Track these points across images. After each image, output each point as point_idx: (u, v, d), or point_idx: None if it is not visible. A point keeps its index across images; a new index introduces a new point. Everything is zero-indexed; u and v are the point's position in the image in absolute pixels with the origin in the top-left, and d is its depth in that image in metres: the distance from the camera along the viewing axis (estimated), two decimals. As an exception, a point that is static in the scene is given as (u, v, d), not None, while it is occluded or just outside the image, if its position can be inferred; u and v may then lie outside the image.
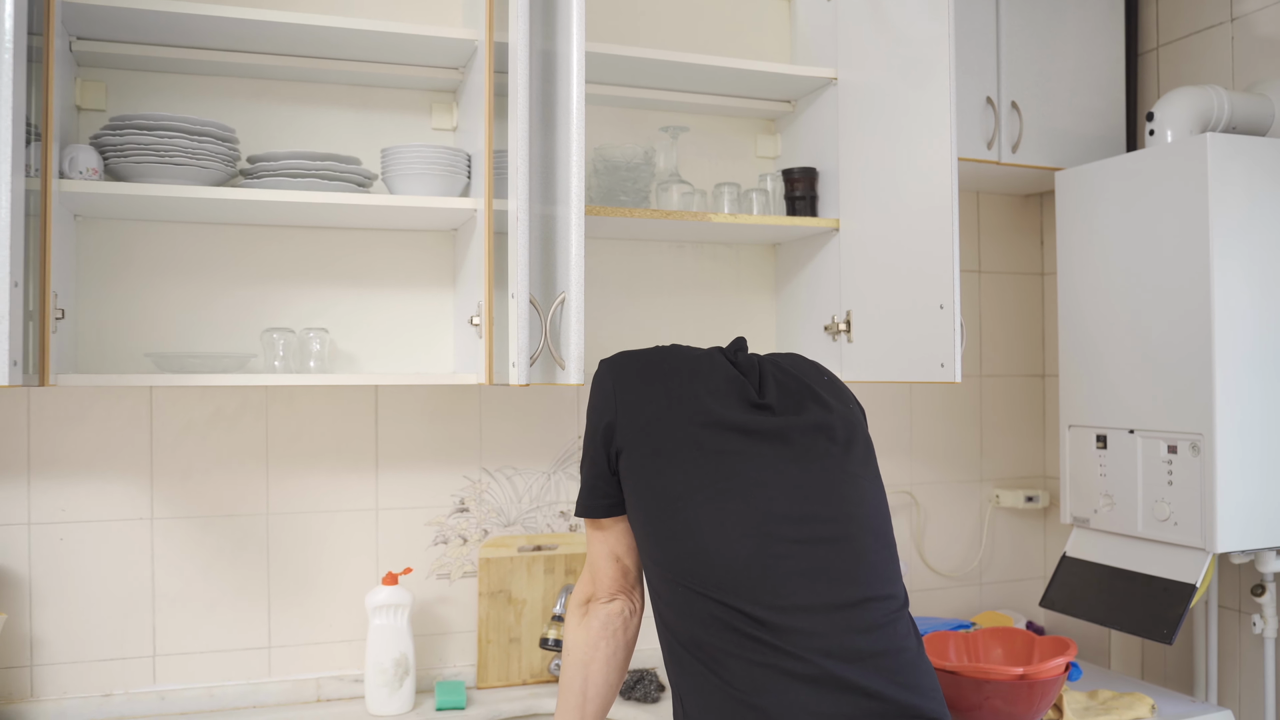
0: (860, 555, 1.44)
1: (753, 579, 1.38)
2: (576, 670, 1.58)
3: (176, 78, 2.14)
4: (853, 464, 1.52)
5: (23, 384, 1.56)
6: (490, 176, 1.98)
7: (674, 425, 1.48)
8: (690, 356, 1.59)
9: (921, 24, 2.03)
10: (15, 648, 2.06)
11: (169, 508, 2.15)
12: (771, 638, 1.35)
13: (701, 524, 1.41)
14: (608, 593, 1.58)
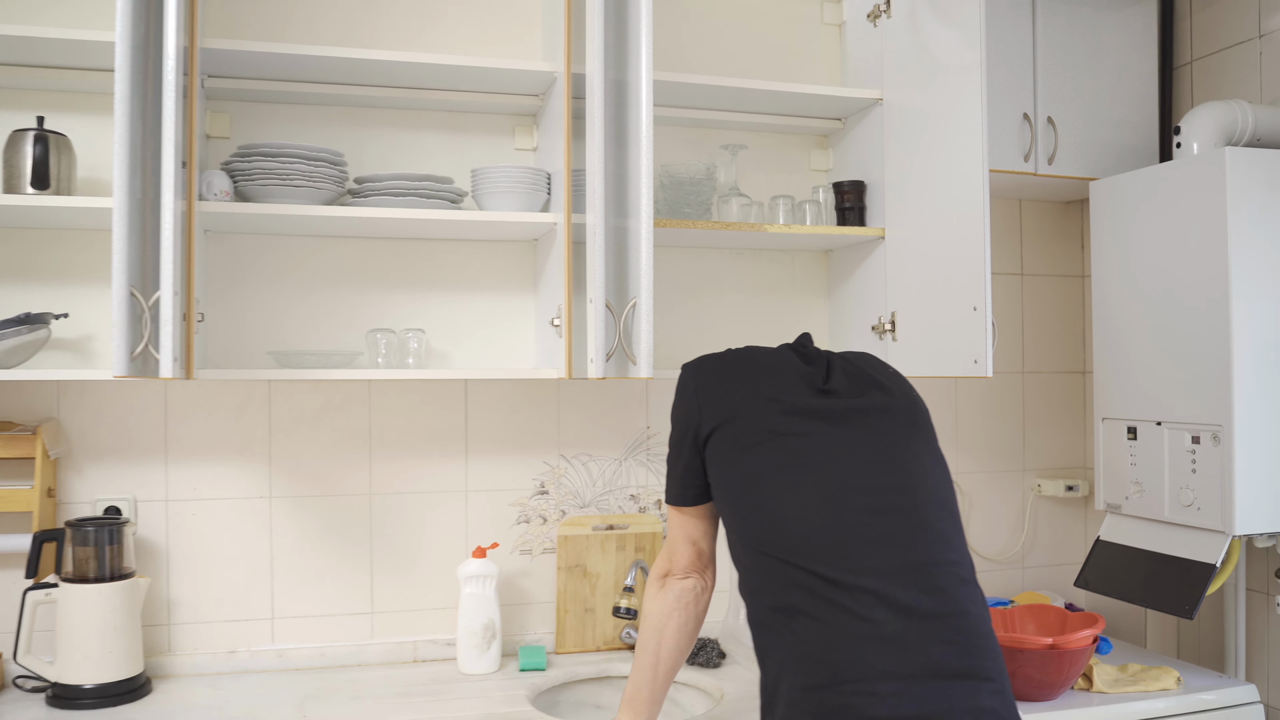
0: (927, 524, 1.57)
1: (827, 544, 1.53)
2: (652, 635, 1.81)
3: (291, 108, 2.42)
4: (916, 442, 1.68)
5: (177, 377, 1.83)
6: (569, 192, 2.22)
7: (752, 416, 1.66)
8: (762, 354, 1.78)
9: (957, 51, 2.23)
10: (156, 608, 2.36)
11: (285, 488, 2.43)
12: (844, 598, 1.49)
13: (781, 498, 1.59)
14: (683, 570, 1.80)
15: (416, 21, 2.49)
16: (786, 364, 1.74)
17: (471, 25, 2.52)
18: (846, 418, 1.66)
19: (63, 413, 2.32)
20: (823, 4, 2.75)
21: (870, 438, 1.65)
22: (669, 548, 1.82)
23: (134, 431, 2.36)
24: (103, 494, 2.34)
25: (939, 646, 1.48)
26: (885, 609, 1.49)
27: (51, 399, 2.32)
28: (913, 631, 1.48)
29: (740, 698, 2.22)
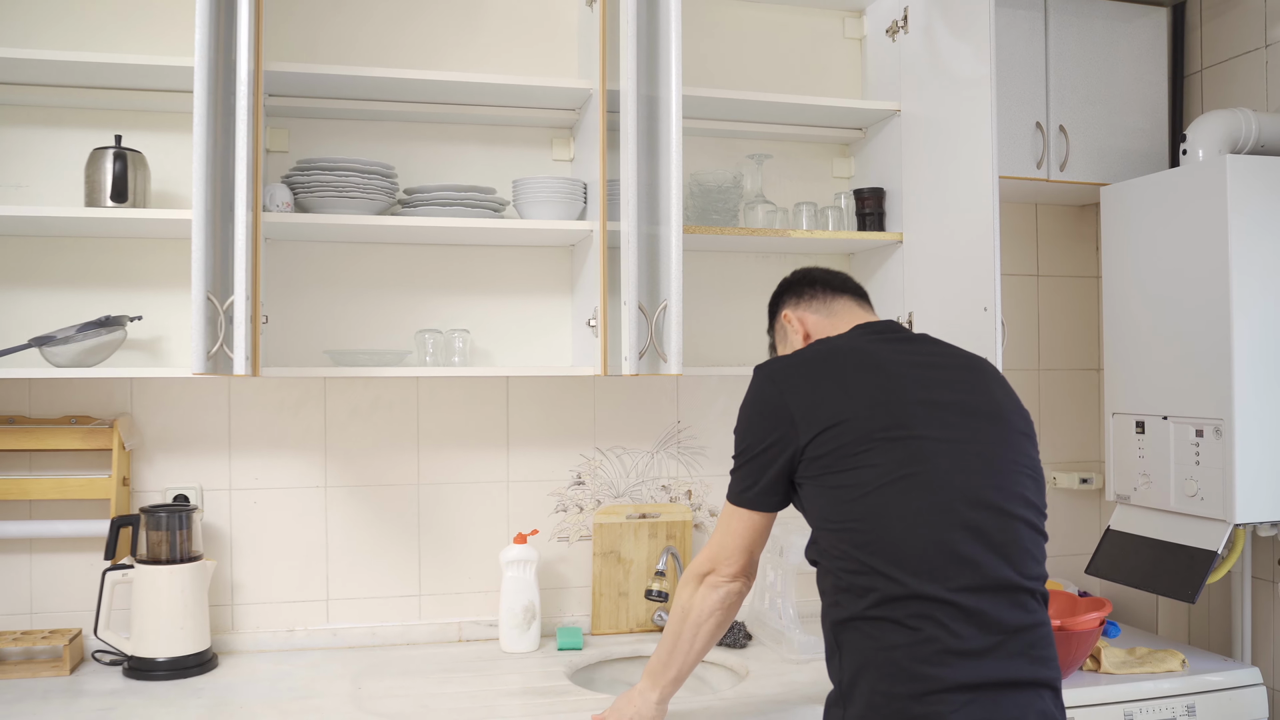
0: (1020, 543, 1.64)
1: (929, 561, 1.58)
2: (690, 629, 1.85)
3: (345, 123, 2.59)
4: (1016, 450, 1.72)
5: (247, 374, 2.01)
6: (604, 201, 2.38)
7: (856, 421, 1.66)
8: (851, 350, 1.78)
9: (969, 65, 2.36)
10: (221, 589, 2.54)
11: (339, 478, 2.61)
12: (939, 613, 1.56)
13: (890, 511, 1.61)
14: (731, 575, 1.82)
15: (460, 41, 2.66)
16: (883, 362, 1.75)
17: (511, 44, 2.68)
18: (955, 419, 1.68)
19: (136, 408, 2.51)
20: (844, 19, 2.89)
21: (976, 444, 1.68)
22: (721, 549, 1.82)
23: (201, 425, 2.54)
24: (172, 483, 2.53)
25: (1017, 661, 1.59)
26: (974, 626, 1.57)
27: (126, 395, 2.51)
28: (995, 646, 1.57)
29: (764, 676, 2.37)
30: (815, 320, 1.98)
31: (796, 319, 2.00)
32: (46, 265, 2.45)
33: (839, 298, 2.00)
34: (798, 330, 1.99)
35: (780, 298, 2.07)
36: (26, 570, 2.46)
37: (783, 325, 2.04)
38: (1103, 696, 2.36)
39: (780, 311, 2.05)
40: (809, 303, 2.01)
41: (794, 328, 2.00)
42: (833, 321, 1.96)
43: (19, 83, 2.36)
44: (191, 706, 2.14)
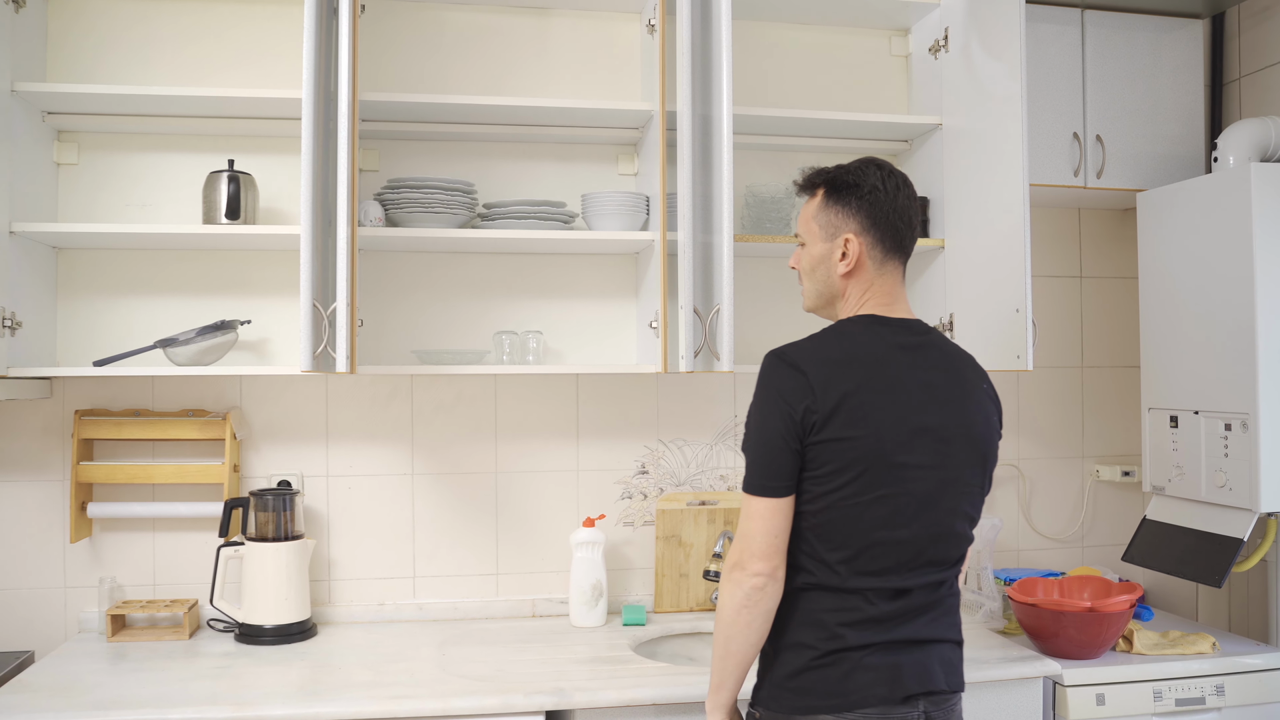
0: (951, 551, 1.84)
1: (875, 564, 1.77)
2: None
3: (428, 144, 2.84)
4: (973, 473, 1.85)
5: (346, 372, 2.27)
6: (664, 212, 2.60)
7: (860, 440, 1.74)
8: (877, 365, 1.80)
9: (1003, 82, 2.54)
10: (319, 566, 2.81)
11: (425, 466, 2.87)
12: (867, 595, 1.78)
13: (859, 522, 1.75)
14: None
15: (531, 67, 2.89)
16: (895, 377, 1.80)
17: (578, 69, 2.91)
18: (938, 445, 1.79)
19: (245, 402, 2.80)
20: (891, 38, 3.08)
21: (945, 470, 1.80)
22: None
23: (302, 418, 2.82)
24: (276, 469, 2.81)
25: (921, 624, 1.82)
26: (895, 603, 1.79)
27: (236, 391, 2.79)
28: (907, 615, 1.80)
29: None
30: (864, 271, 1.89)
31: (855, 252, 1.87)
32: (168, 275, 2.75)
33: (893, 260, 1.89)
34: (847, 262, 1.88)
35: (855, 210, 1.88)
36: (150, 546, 2.76)
37: (836, 239, 1.89)
38: (1133, 675, 2.51)
39: (851, 228, 1.88)
40: (873, 246, 1.88)
41: (848, 256, 1.87)
42: (877, 284, 1.88)
43: (144, 114, 2.65)
44: (296, 667, 2.41)
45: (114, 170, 2.74)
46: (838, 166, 1.93)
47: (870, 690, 1.76)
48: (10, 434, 2.70)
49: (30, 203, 2.54)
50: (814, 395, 1.75)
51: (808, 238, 1.94)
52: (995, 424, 1.93)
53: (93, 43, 2.71)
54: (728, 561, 1.81)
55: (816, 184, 1.94)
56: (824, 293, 1.94)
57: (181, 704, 2.14)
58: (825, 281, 1.92)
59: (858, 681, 1.76)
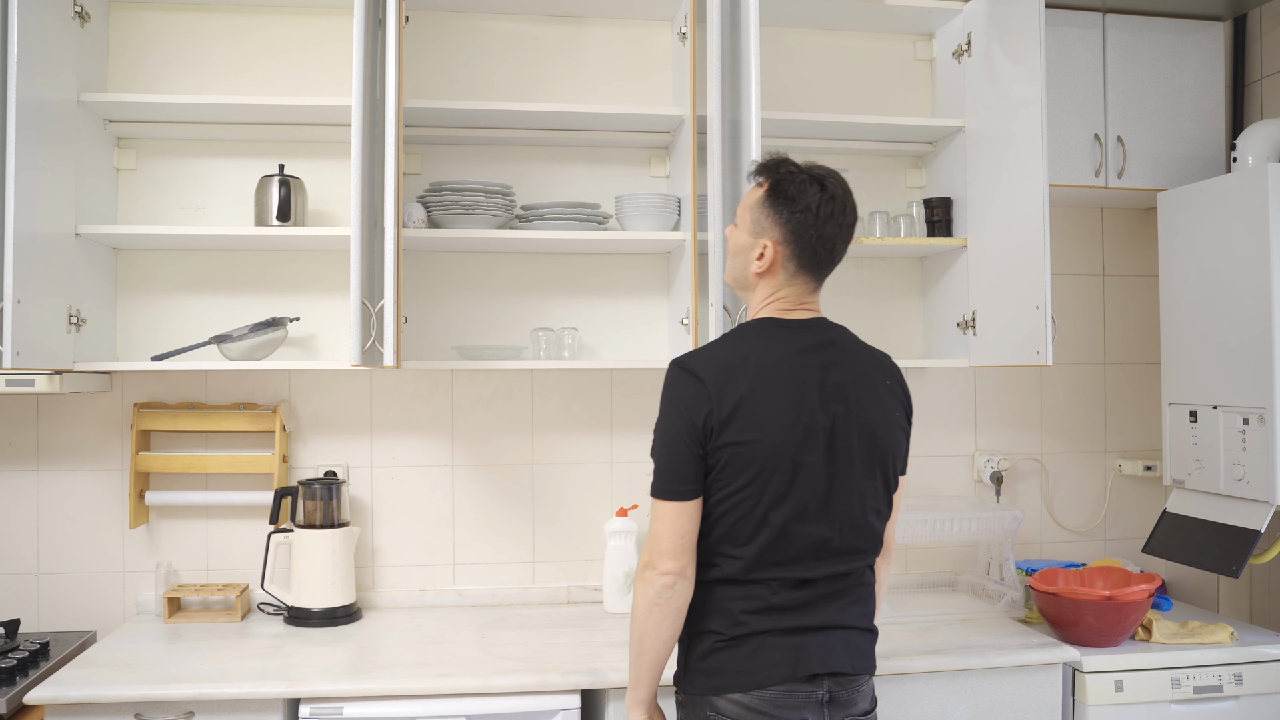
0: (858, 544, 1.93)
1: (779, 556, 1.86)
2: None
3: (468, 148, 2.96)
4: (873, 467, 1.92)
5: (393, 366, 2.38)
6: (695, 213, 2.70)
7: (760, 443, 1.82)
8: (777, 370, 1.86)
9: (1022, 87, 2.62)
10: (364, 553, 2.94)
11: (464, 457, 2.98)
12: (772, 586, 1.88)
13: (764, 522, 1.84)
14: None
15: (565, 74, 3.00)
16: (797, 379, 1.86)
17: (611, 75, 3.02)
18: (838, 442, 1.86)
19: (293, 395, 2.92)
20: (915, 43, 3.16)
21: (846, 464, 1.88)
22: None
23: (346, 411, 2.94)
24: (322, 460, 2.93)
25: (827, 612, 1.91)
26: (801, 593, 1.88)
27: (285, 385, 2.92)
28: (812, 603, 1.89)
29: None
30: (776, 277, 1.94)
31: (770, 258, 1.92)
32: (220, 274, 2.88)
33: (805, 275, 1.94)
34: (762, 263, 1.93)
35: (784, 221, 1.91)
36: (203, 533, 2.89)
37: (758, 239, 1.93)
38: (1152, 663, 2.58)
39: (773, 234, 1.92)
40: (789, 259, 1.92)
41: (764, 259, 1.93)
42: (785, 289, 1.94)
43: (198, 121, 2.79)
44: (343, 647, 2.53)
45: (169, 175, 2.87)
46: (794, 168, 1.94)
47: (774, 669, 1.85)
48: (73, 426, 2.85)
49: (93, 206, 2.68)
50: (712, 401, 1.82)
51: (739, 223, 1.99)
52: (898, 420, 1.98)
53: (150, 54, 2.85)
54: (640, 562, 1.88)
55: (762, 177, 1.97)
56: (738, 278, 2.02)
57: (238, 679, 2.26)
58: (741, 269, 1.99)
59: (762, 660, 1.86)
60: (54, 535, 2.85)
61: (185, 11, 2.86)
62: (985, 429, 3.24)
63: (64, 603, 2.84)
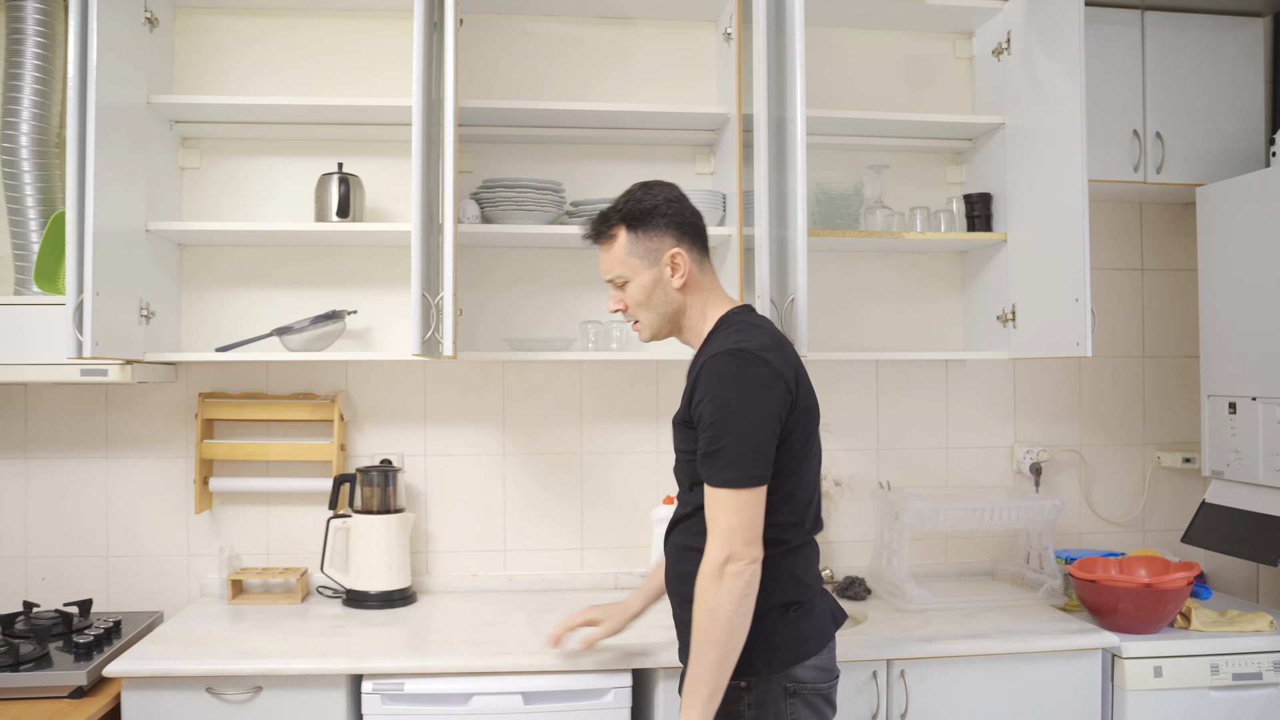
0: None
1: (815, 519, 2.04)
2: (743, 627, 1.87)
3: (518, 146, 3.05)
4: None
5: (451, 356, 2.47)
6: (741, 209, 2.77)
7: (810, 409, 1.97)
8: (790, 343, 2.02)
9: (1061, 84, 2.67)
10: (418, 539, 3.04)
11: (515, 446, 3.07)
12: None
13: (807, 483, 1.98)
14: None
15: (613, 74, 3.09)
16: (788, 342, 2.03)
17: (657, 75, 3.10)
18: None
19: (350, 386, 3.03)
20: (955, 42, 3.22)
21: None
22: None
23: (401, 401, 3.04)
24: (378, 449, 3.03)
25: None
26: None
27: (341, 375, 3.03)
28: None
29: (879, 621, 2.72)
30: (694, 277, 2.05)
31: (685, 263, 2.03)
32: (278, 269, 2.99)
33: (705, 258, 2.09)
34: (680, 278, 2.02)
35: (665, 227, 2.03)
36: (264, 518, 3.00)
37: (664, 256, 2.02)
38: (1191, 649, 2.62)
39: (669, 243, 2.03)
40: (690, 250, 2.05)
41: (680, 272, 2.02)
42: (706, 282, 2.07)
43: (259, 121, 2.90)
44: (401, 628, 2.63)
45: (231, 173, 2.98)
46: (615, 205, 2.06)
47: (828, 624, 2.03)
48: (141, 415, 2.97)
49: (160, 204, 2.79)
50: (784, 378, 1.90)
51: (629, 273, 2.04)
52: None
53: (214, 57, 2.96)
54: (713, 559, 1.83)
55: (612, 225, 2.05)
56: (666, 314, 2.06)
57: (303, 655, 2.37)
58: (665, 303, 2.05)
59: (821, 619, 2.01)
60: (122, 520, 2.97)
61: (247, 16, 2.97)
62: (1024, 421, 3.29)
63: (132, 584, 2.96)
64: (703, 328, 2.07)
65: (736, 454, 1.85)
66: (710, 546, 1.86)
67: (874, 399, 3.22)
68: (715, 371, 1.89)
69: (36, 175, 2.75)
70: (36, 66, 2.74)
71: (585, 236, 2.11)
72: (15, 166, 2.73)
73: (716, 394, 1.87)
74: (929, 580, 3.09)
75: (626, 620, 2.35)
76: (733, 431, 1.85)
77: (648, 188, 2.07)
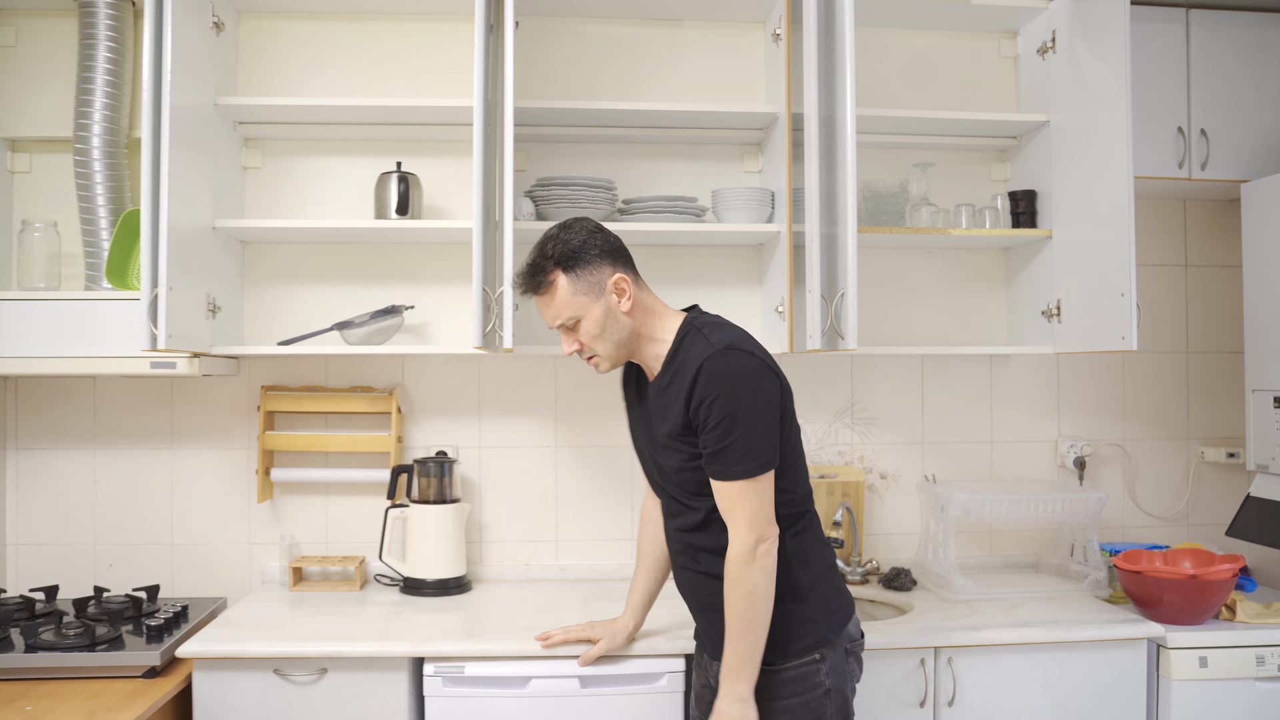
0: None
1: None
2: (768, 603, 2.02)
3: (568, 145, 3.12)
4: None
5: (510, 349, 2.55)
6: (790, 206, 2.83)
7: (786, 385, 2.09)
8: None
9: (1107, 82, 2.71)
10: (472, 529, 3.11)
11: (567, 439, 3.14)
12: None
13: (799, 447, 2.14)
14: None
15: (663, 73, 3.15)
16: None
17: (706, 74, 3.16)
18: None
19: (406, 379, 3.11)
20: (1000, 41, 3.26)
21: None
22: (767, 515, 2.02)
23: (456, 394, 3.12)
24: (433, 441, 3.11)
25: None
26: None
27: (398, 370, 3.11)
28: None
29: (926, 610, 2.77)
30: (639, 296, 2.12)
31: (629, 288, 2.08)
32: (336, 266, 3.08)
33: (640, 279, 2.16)
34: (627, 301, 2.08)
35: (599, 258, 2.07)
36: (323, 508, 3.09)
37: (607, 286, 2.07)
38: (1236, 640, 2.64)
39: (609, 272, 2.08)
40: (636, 278, 2.13)
41: (626, 296, 2.08)
42: (649, 298, 2.15)
43: (318, 122, 2.98)
44: (458, 614, 2.70)
45: (290, 173, 3.07)
46: (541, 254, 2.08)
47: (845, 584, 2.22)
48: (204, 408, 3.06)
49: (225, 202, 2.88)
50: (769, 365, 2.03)
51: (578, 312, 2.07)
52: None
53: (276, 60, 3.06)
54: (744, 544, 1.96)
55: (548, 273, 2.06)
56: (623, 342, 2.11)
57: (365, 639, 2.45)
58: (619, 331, 2.09)
59: (841, 581, 2.20)
60: (186, 509, 3.06)
61: (307, 20, 3.06)
62: (1068, 415, 3.32)
63: (195, 571, 3.06)
64: (663, 341, 2.12)
65: (748, 445, 1.95)
66: (737, 535, 1.98)
67: (919, 393, 3.27)
68: (715, 372, 1.96)
69: (107, 175, 2.84)
70: (108, 70, 2.84)
71: (524, 292, 2.11)
72: (87, 167, 2.83)
73: (721, 393, 1.95)
74: (974, 572, 3.13)
75: (624, 641, 2.43)
76: (741, 425, 1.95)
77: (565, 228, 2.10)
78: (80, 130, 2.83)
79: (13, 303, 2.69)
